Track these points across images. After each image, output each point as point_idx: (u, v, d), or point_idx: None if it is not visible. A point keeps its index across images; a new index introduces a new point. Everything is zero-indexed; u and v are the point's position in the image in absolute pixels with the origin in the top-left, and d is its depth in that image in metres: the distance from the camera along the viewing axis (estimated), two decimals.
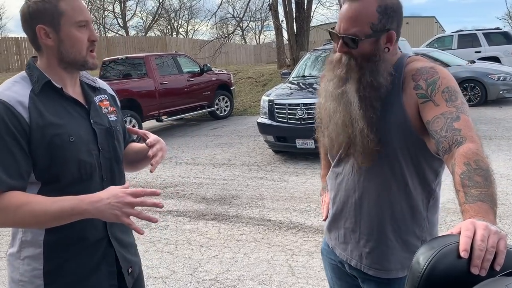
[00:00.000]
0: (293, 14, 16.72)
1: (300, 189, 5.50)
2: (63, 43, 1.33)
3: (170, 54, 11.49)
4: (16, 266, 1.37)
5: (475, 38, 14.36)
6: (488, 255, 0.81)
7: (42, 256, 1.35)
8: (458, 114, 1.20)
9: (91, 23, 1.38)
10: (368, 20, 1.31)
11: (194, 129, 10.78)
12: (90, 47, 1.37)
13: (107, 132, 1.46)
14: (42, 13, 1.30)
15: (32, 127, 1.28)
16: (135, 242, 1.64)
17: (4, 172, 1.23)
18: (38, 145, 1.29)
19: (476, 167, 1.06)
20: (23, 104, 1.28)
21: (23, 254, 1.36)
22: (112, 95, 1.61)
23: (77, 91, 1.45)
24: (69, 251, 1.38)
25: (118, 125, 1.54)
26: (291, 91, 7.30)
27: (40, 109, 1.30)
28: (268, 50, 32.44)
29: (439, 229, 1.52)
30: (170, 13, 44.06)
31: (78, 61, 1.37)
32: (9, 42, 22.26)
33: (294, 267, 3.51)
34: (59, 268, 1.37)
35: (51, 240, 1.35)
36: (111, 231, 1.46)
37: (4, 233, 4.49)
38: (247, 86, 15.72)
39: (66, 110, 1.37)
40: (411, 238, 1.43)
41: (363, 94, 1.34)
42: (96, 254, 1.43)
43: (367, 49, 1.33)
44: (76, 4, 1.33)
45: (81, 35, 1.34)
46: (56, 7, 1.30)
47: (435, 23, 40.81)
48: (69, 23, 1.32)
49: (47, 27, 1.31)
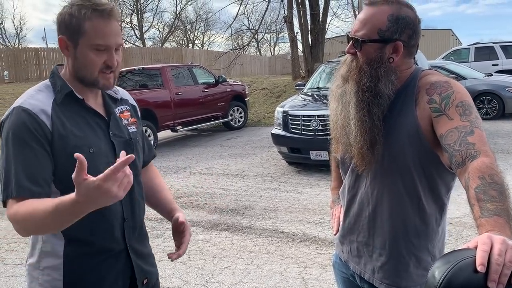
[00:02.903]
0: (308, 26, 16.80)
1: (314, 201, 5.47)
2: (77, 60, 1.34)
3: (185, 65, 11.63)
4: (36, 276, 1.37)
5: (492, 50, 14.21)
6: (506, 270, 0.79)
7: (62, 267, 1.35)
8: (472, 128, 1.19)
9: (113, 49, 1.34)
10: (377, 26, 1.34)
11: (208, 139, 10.83)
12: (104, 69, 1.35)
13: (126, 144, 1.46)
14: (67, 26, 1.32)
15: (54, 135, 1.29)
16: (152, 252, 1.64)
17: (28, 179, 1.23)
18: (60, 154, 1.29)
19: (491, 181, 1.04)
20: (46, 113, 1.30)
21: (42, 264, 1.36)
22: (133, 105, 1.62)
23: (98, 101, 1.46)
24: (90, 263, 1.38)
25: (138, 136, 1.55)
26: (306, 103, 7.30)
27: (62, 119, 1.32)
28: (282, 62, 32.57)
29: (455, 243, 1.50)
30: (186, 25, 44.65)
31: (88, 80, 1.36)
32: (29, 53, 22.75)
33: (307, 280, 3.48)
34: (79, 280, 1.37)
35: (71, 251, 1.35)
36: (130, 243, 1.46)
37: (25, 243, 4.56)
38: (262, 97, 15.78)
39: (87, 122, 1.38)
40: (424, 254, 1.41)
41: (362, 97, 1.36)
42: (115, 267, 1.43)
43: (371, 54, 1.35)
44: (100, 28, 1.30)
45: (96, 58, 1.32)
46: (80, 26, 1.30)
47: (451, 35, 40.58)
48: (86, 44, 1.31)
49: (67, 40, 1.33)
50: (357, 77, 1.38)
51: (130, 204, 1.46)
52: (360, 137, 1.36)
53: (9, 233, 4.80)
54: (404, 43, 1.35)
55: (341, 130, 1.46)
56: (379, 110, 1.35)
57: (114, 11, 1.33)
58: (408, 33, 1.35)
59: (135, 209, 1.48)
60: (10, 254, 4.33)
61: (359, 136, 1.36)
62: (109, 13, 1.31)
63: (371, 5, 1.37)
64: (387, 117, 1.36)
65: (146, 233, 1.61)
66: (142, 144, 1.60)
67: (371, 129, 1.35)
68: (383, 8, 1.34)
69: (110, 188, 1.05)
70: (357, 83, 1.37)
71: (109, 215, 1.38)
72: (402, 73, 1.39)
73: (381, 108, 1.35)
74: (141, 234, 1.55)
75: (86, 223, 1.27)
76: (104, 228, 1.39)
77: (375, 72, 1.35)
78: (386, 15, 1.33)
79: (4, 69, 21.99)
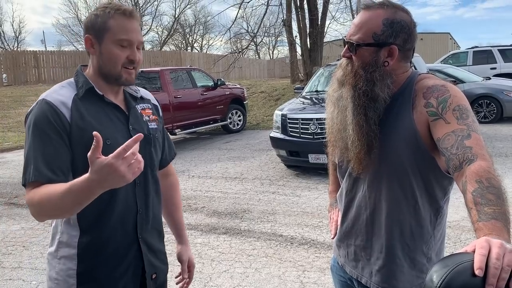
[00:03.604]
0: (307, 29, 16.83)
1: (312, 204, 5.47)
2: (102, 56, 1.44)
3: (184, 69, 11.62)
4: (53, 265, 1.46)
5: (491, 54, 14.26)
6: (504, 273, 0.79)
7: (76, 257, 1.43)
8: (469, 132, 1.19)
9: (135, 44, 1.44)
10: (372, 30, 1.34)
11: (207, 142, 10.83)
12: (127, 64, 1.44)
13: (145, 139, 1.48)
14: (93, 25, 1.43)
15: (73, 126, 1.38)
16: (165, 251, 1.69)
17: (46, 166, 1.31)
18: (77, 145, 1.37)
19: (489, 185, 1.04)
20: (66, 105, 1.39)
21: (59, 253, 1.45)
22: (155, 105, 1.71)
23: (119, 98, 1.54)
24: (101, 254, 1.44)
25: (157, 133, 1.62)
26: (304, 106, 7.31)
27: (81, 111, 1.41)
28: (281, 65, 32.63)
29: (453, 247, 1.50)
30: (185, 28, 44.70)
31: (112, 75, 1.45)
32: (28, 56, 22.77)
33: (305, 284, 3.47)
34: (92, 270, 1.44)
35: (84, 242, 1.42)
36: (141, 235, 1.52)
37: (22, 247, 4.54)
38: (260, 100, 15.79)
39: (107, 115, 1.46)
40: (419, 256, 1.41)
41: (358, 102, 1.36)
42: (126, 258, 1.49)
43: (366, 58, 1.36)
44: (123, 24, 1.42)
45: (119, 52, 1.42)
46: (105, 23, 1.41)
47: (449, 39, 40.68)
48: (111, 39, 1.41)
49: (93, 38, 1.44)
50: (352, 81, 1.38)
51: (144, 197, 1.53)
52: (358, 142, 1.36)
53: (6, 237, 4.78)
54: (399, 47, 1.35)
55: (337, 134, 1.46)
56: (375, 114, 1.35)
57: (135, 12, 1.47)
58: (403, 37, 1.35)
59: (149, 202, 1.54)
60: (7, 257, 4.31)
61: (357, 141, 1.37)
62: (130, 13, 1.44)
63: (366, 9, 1.38)
64: (383, 121, 1.37)
65: (162, 231, 1.67)
66: (162, 142, 1.67)
67: (368, 134, 1.35)
68: (378, 12, 1.35)
69: (119, 167, 1.11)
70: (353, 87, 1.38)
71: (122, 206, 1.45)
72: (399, 77, 1.39)
73: (377, 112, 1.36)
74: (155, 229, 1.60)
75: (99, 214, 1.41)
76: (116, 219, 1.45)
77: (370, 76, 1.35)
78: (381, 19, 1.34)
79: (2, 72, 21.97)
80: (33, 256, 4.31)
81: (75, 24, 39.79)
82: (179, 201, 1.85)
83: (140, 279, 1.54)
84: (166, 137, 1.72)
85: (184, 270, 1.79)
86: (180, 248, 1.81)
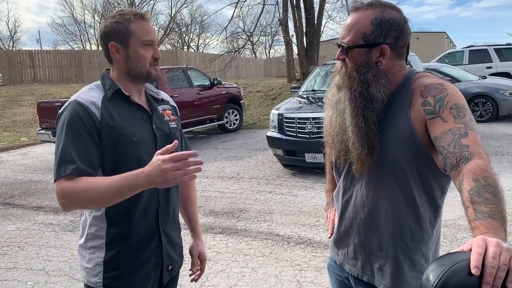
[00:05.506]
0: (303, 29, 16.84)
1: (309, 203, 5.47)
2: (130, 58, 1.54)
3: (180, 68, 11.60)
4: (84, 255, 1.59)
5: (486, 53, 14.31)
6: (500, 272, 0.79)
7: (104, 247, 1.56)
8: (466, 130, 1.19)
9: (156, 43, 1.57)
10: (361, 31, 1.35)
11: (203, 142, 10.82)
12: (153, 63, 1.56)
13: (166, 137, 1.63)
14: (115, 32, 1.52)
15: (103, 125, 1.48)
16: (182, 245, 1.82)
17: (80, 160, 1.42)
18: (106, 142, 1.48)
19: (485, 183, 1.04)
20: (96, 106, 1.50)
21: (89, 244, 1.58)
22: (174, 106, 1.83)
23: (142, 100, 1.65)
24: (126, 243, 1.56)
25: (177, 132, 1.74)
26: (301, 105, 7.31)
27: (110, 111, 1.51)
28: (278, 64, 32.62)
29: (450, 245, 1.50)
30: (181, 28, 44.65)
31: (142, 74, 1.56)
32: (23, 55, 22.68)
33: (302, 283, 3.47)
34: (117, 258, 1.56)
35: (112, 232, 1.55)
36: (162, 227, 1.64)
37: (18, 247, 4.51)
38: (257, 99, 15.79)
39: (132, 115, 1.57)
40: (418, 257, 1.41)
41: (355, 103, 1.36)
42: (148, 248, 1.61)
43: (358, 59, 1.36)
44: (144, 26, 1.54)
45: (146, 53, 1.54)
46: (127, 28, 1.51)
47: (445, 38, 40.78)
48: (136, 42, 1.52)
49: (117, 44, 1.53)
50: (347, 83, 1.38)
51: (166, 191, 1.64)
52: (358, 143, 1.36)
53: (1, 237, 4.76)
54: (390, 45, 1.35)
55: (336, 136, 1.46)
56: (373, 114, 1.35)
57: (149, 14, 1.58)
58: (394, 35, 1.35)
59: (170, 196, 1.66)
60: (2, 258, 4.29)
61: (357, 142, 1.36)
62: (147, 16, 1.56)
63: (355, 10, 1.38)
64: (382, 120, 1.36)
65: (179, 224, 1.79)
66: (180, 140, 1.76)
67: (367, 134, 1.35)
68: (366, 13, 1.35)
69: (166, 169, 1.26)
70: (349, 89, 1.38)
71: (146, 200, 1.57)
72: (395, 75, 1.39)
73: (375, 112, 1.36)
74: (174, 222, 1.73)
75: (126, 207, 1.51)
76: (141, 212, 1.56)
77: (363, 77, 1.35)
78: (369, 19, 1.34)
79: None
80: (28, 256, 4.29)
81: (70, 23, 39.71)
82: (195, 197, 1.94)
83: (160, 269, 1.65)
84: (183, 136, 1.83)
85: (194, 263, 1.90)
86: (193, 242, 1.92)
